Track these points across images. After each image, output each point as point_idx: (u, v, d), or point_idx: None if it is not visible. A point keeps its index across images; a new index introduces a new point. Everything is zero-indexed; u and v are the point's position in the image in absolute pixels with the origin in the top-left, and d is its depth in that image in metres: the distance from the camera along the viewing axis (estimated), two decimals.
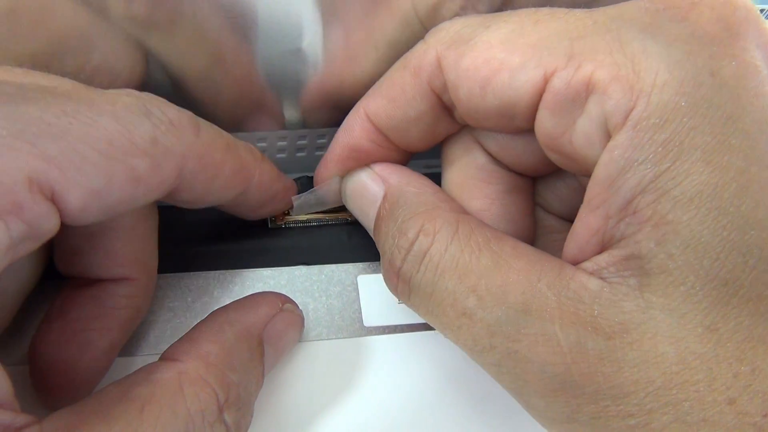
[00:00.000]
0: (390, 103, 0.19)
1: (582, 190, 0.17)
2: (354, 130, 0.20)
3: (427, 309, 0.17)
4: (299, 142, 0.24)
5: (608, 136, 0.15)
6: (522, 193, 0.20)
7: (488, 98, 0.16)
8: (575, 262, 0.16)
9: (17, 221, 0.13)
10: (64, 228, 0.17)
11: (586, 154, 0.15)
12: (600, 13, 0.16)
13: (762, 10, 0.23)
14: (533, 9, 0.17)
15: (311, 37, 0.20)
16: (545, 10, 0.17)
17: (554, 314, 0.15)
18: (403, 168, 0.20)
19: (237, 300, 0.20)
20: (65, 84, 0.16)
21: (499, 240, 0.17)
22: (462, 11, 0.19)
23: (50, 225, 0.14)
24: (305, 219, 0.23)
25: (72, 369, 0.18)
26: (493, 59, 0.16)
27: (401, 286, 0.18)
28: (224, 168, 0.18)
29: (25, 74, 0.16)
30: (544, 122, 0.16)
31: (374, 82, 0.20)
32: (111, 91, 0.16)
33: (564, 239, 0.19)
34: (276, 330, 0.19)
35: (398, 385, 0.21)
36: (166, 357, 0.17)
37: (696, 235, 0.13)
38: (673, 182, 0.14)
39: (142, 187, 0.15)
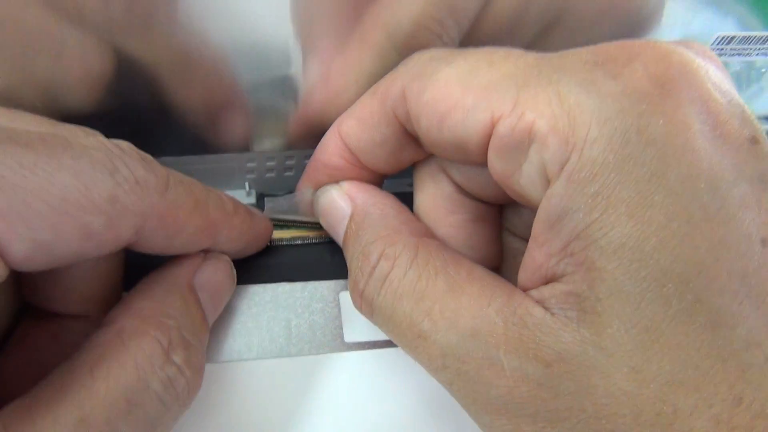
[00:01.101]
0: (359, 124, 0.20)
1: None
2: (328, 147, 0.21)
3: (388, 329, 0.18)
4: (268, 163, 0.25)
5: (547, 182, 0.16)
6: (487, 221, 0.21)
7: (444, 133, 0.17)
8: (525, 290, 0.17)
9: None
10: None
11: (531, 195, 0.16)
12: (546, 62, 0.16)
13: (721, 39, 0.23)
14: (492, 49, 0.18)
15: (286, 59, 0.21)
16: (502, 51, 0.17)
17: (500, 340, 0.16)
18: (371, 187, 0.21)
19: (165, 261, 0.20)
20: (31, 133, 0.16)
21: (456, 264, 0.18)
22: (435, 36, 0.20)
23: None
24: (290, 237, 0.24)
25: None
26: (450, 97, 0.17)
27: (364, 306, 0.19)
28: (187, 227, 0.18)
29: (2, 115, 0.17)
30: (493, 162, 0.17)
31: None
32: (81, 140, 0.16)
33: None
34: (206, 276, 0.20)
35: (379, 400, 0.22)
36: (103, 324, 0.18)
37: (619, 284, 0.14)
38: (600, 232, 0.14)
39: (93, 242, 0.16)
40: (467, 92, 0.17)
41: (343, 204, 0.21)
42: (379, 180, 0.22)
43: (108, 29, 0.19)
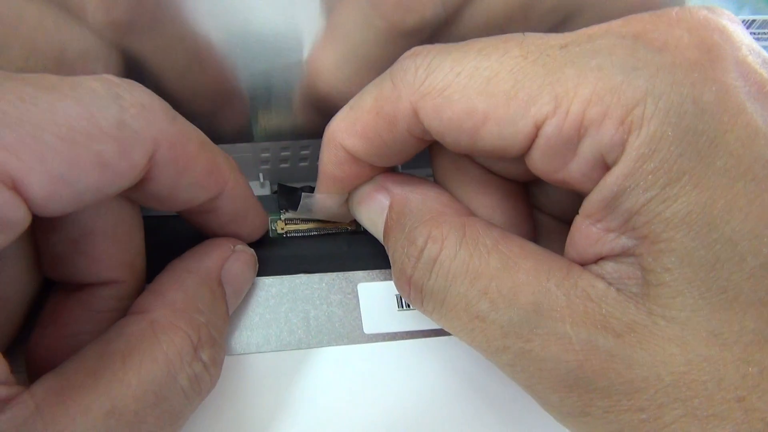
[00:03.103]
0: (368, 143, 0.19)
1: (575, 194, 0.17)
2: (336, 164, 0.20)
3: (441, 314, 0.18)
4: (282, 153, 0.25)
5: (603, 169, 0.15)
6: (519, 196, 0.20)
7: (478, 144, 0.17)
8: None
9: None
10: (47, 234, 0.18)
11: (580, 185, 0.16)
12: (576, 50, 0.15)
13: (744, 21, 0.23)
14: (502, 47, 0.16)
15: (291, 45, 0.20)
16: (515, 50, 0.16)
17: (564, 313, 0.15)
18: (406, 176, 0.21)
19: (191, 249, 0.20)
20: (28, 73, 0.15)
21: (507, 241, 0.17)
22: None
23: (18, 215, 0.14)
24: (306, 228, 0.24)
25: None
26: (476, 111, 0.16)
27: (413, 293, 0.18)
28: (197, 163, 0.18)
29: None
30: (537, 162, 0.16)
31: (337, 80, 0.20)
32: (81, 76, 0.16)
33: (560, 238, 0.20)
34: (232, 270, 0.20)
35: (398, 392, 0.22)
36: (134, 311, 0.18)
37: (690, 251, 0.14)
38: (663, 206, 0.14)
39: (109, 173, 0.15)
40: (495, 103, 0.16)
41: (380, 196, 0.20)
42: (394, 167, 0.22)
43: (111, 36, 0.18)
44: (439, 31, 0.20)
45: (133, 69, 0.20)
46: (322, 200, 0.21)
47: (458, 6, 0.19)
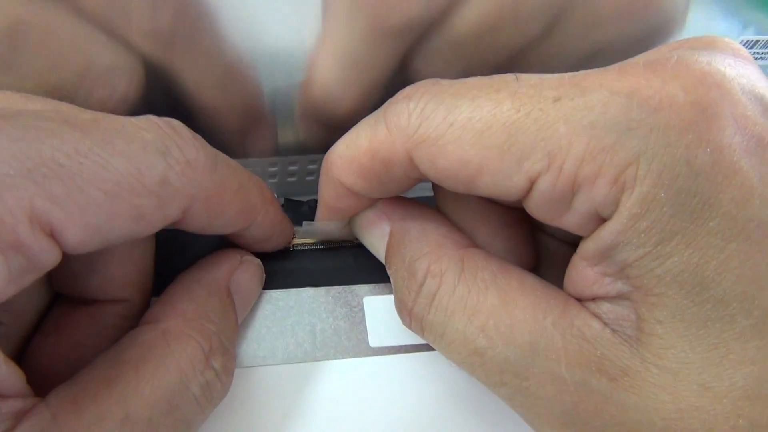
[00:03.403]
0: (365, 182, 0.19)
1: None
2: (335, 197, 0.20)
3: (440, 346, 0.18)
4: (290, 168, 0.25)
5: (597, 221, 0.15)
6: (520, 222, 0.20)
7: (474, 192, 0.17)
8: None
9: (17, 256, 0.14)
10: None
11: (576, 231, 0.16)
12: (569, 104, 0.15)
13: (747, 42, 0.24)
14: (494, 99, 0.16)
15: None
16: (507, 102, 0.16)
17: (560, 354, 0.16)
18: (407, 202, 0.21)
19: (200, 260, 0.21)
20: (85, 114, 0.16)
21: (505, 275, 0.17)
22: None
23: (50, 258, 0.14)
24: (312, 242, 0.24)
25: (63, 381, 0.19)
26: (470, 163, 0.16)
27: (414, 324, 0.18)
28: (230, 208, 0.18)
29: (45, 102, 0.17)
30: (533, 210, 0.17)
31: (330, 83, 0.20)
32: (134, 121, 0.16)
33: (563, 260, 0.20)
34: (240, 280, 0.21)
35: (404, 405, 0.22)
36: (146, 321, 0.18)
37: (682, 308, 0.14)
38: (656, 263, 0.14)
39: (143, 223, 0.16)
40: (488, 156, 0.16)
41: (381, 224, 0.20)
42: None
43: (151, 46, 0.19)
44: (428, 32, 0.20)
45: (169, 83, 0.20)
46: (323, 226, 0.22)
47: (445, 6, 0.19)
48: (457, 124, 0.16)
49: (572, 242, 0.21)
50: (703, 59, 0.15)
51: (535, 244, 0.21)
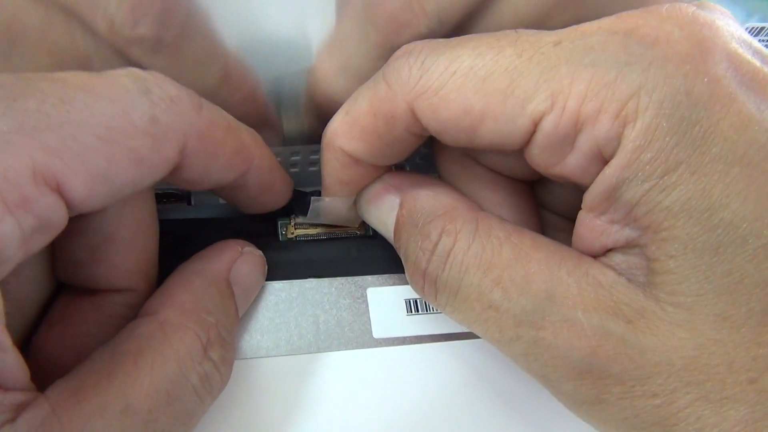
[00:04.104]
0: (367, 144, 0.19)
1: (578, 191, 0.18)
2: (339, 168, 0.20)
3: (454, 306, 0.18)
4: (293, 158, 0.25)
5: (601, 162, 0.16)
6: (525, 194, 0.21)
7: (476, 141, 0.17)
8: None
9: (27, 215, 0.13)
10: (67, 238, 0.18)
11: (579, 179, 0.16)
12: (570, 47, 0.16)
13: (753, 29, 0.24)
14: (496, 46, 0.16)
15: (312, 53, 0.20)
16: (509, 49, 0.16)
17: (576, 300, 0.16)
18: (414, 174, 0.21)
19: (200, 252, 0.21)
20: (63, 72, 0.16)
21: (519, 233, 0.17)
22: (407, 6, 0.18)
23: (59, 215, 0.14)
24: (315, 233, 0.24)
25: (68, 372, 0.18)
26: (473, 110, 0.16)
27: (428, 286, 0.18)
28: (225, 147, 0.18)
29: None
30: (535, 157, 0.17)
31: (334, 92, 0.20)
32: (110, 72, 0.16)
33: (565, 236, 0.20)
34: (240, 272, 0.21)
35: (407, 396, 0.22)
36: (144, 313, 0.18)
37: (692, 237, 0.14)
38: (663, 194, 0.15)
39: (144, 168, 0.16)
40: (491, 101, 0.16)
41: (389, 195, 0.20)
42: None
43: (137, 47, 0.18)
44: None
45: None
46: (331, 203, 0.22)
47: (456, 23, 0.19)
48: (459, 73, 0.16)
49: (573, 217, 0.21)
50: (693, 6, 0.16)
51: (540, 217, 0.21)
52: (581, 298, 0.16)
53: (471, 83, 0.16)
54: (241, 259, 0.21)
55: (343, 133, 0.19)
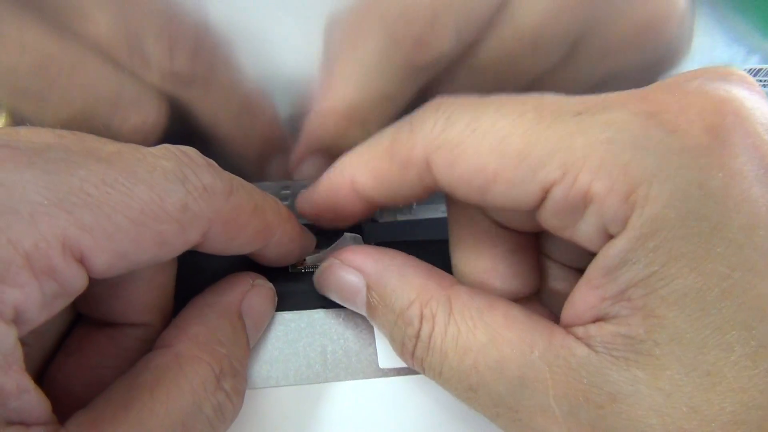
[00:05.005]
0: (378, 183, 0.20)
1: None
2: (339, 196, 0.21)
3: (441, 383, 0.19)
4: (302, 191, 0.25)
5: (606, 236, 0.16)
6: (526, 249, 0.21)
7: (488, 201, 0.17)
8: (569, 326, 0.17)
9: (50, 281, 0.14)
10: None
11: (586, 245, 0.17)
12: (589, 120, 0.16)
13: (751, 70, 0.24)
14: (519, 109, 0.17)
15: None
16: (531, 113, 0.16)
17: (547, 386, 0.16)
18: (373, 249, 0.21)
19: (213, 284, 0.22)
20: (108, 146, 0.17)
21: (491, 310, 0.18)
22: (430, 28, 0.18)
23: (79, 283, 0.15)
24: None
25: (82, 403, 0.19)
26: (486, 169, 0.17)
27: (417, 366, 0.19)
28: (248, 229, 0.19)
29: (72, 135, 0.17)
30: (546, 219, 0.17)
31: (352, 112, 0.21)
32: (153, 151, 0.17)
33: (566, 284, 0.20)
34: (252, 304, 0.21)
35: (413, 427, 0.22)
36: (160, 345, 0.19)
37: (680, 331, 0.15)
38: (661, 283, 0.15)
39: (166, 248, 0.17)
40: (505, 163, 0.16)
41: (352, 278, 0.21)
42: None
43: (170, 86, 0.19)
44: (453, 64, 0.20)
45: (190, 116, 0.21)
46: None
47: (473, 40, 0.20)
48: (480, 131, 0.17)
49: (576, 267, 0.21)
50: (721, 87, 0.16)
51: (539, 269, 0.21)
52: (552, 382, 0.16)
53: (488, 142, 0.17)
54: (252, 291, 0.21)
55: (358, 165, 0.20)
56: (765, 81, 0.24)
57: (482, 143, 0.17)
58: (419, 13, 0.18)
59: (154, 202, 0.16)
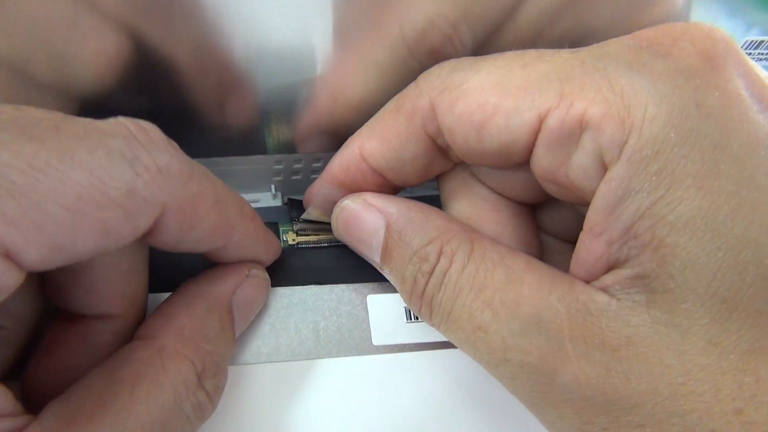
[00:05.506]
0: (385, 144, 0.19)
1: (577, 215, 0.18)
2: (349, 168, 0.20)
3: (447, 326, 0.18)
4: (295, 166, 0.25)
5: (604, 168, 0.15)
6: (527, 216, 0.21)
7: (485, 141, 0.17)
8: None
9: None
10: None
11: (582, 186, 0.16)
12: (586, 53, 0.16)
13: (752, 42, 0.24)
14: (520, 51, 0.18)
15: (306, 62, 0.21)
16: (532, 52, 0.17)
17: (563, 326, 0.16)
18: (396, 197, 0.21)
19: (206, 271, 0.20)
20: (46, 121, 0.14)
21: (512, 255, 0.17)
22: (447, 38, 0.19)
23: (9, 281, 0.13)
24: (316, 240, 0.24)
25: None
26: (487, 104, 0.17)
27: (424, 308, 0.19)
28: (205, 222, 0.17)
29: (11, 109, 0.16)
30: (541, 158, 0.17)
31: (361, 103, 0.21)
32: (101, 125, 0.15)
33: (564, 259, 0.20)
34: (244, 296, 0.20)
35: (406, 403, 0.22)
36: (142, 335, 0.18)
37: (693, 257, 0.14)
38: (667, 208, 0.14)
39: (110, 238, 0.15)
40: (505, 96, 0.17)
41: (372, 217, 0.20)
42: (395, 192, 0.22)
43: (129, 11, 0.18)
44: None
45: (148, 62, 0.19)
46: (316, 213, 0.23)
47: (480, 44, 0.20)
48: (483, 70, 0.17)
49: (572, 240, 0.21)
50: (709, 24, 0.16)
51: (540, 241, 0.21)
52: (569, 324, 0.16)
53: (491, 78, 0.17)
54: (246, 282, 0.20)
55: (366, 132, 0.20)
56: (766, 54, 0.23)
57: (485, 80, 0.17)
58: (440, 27, 0.19)
59: (93, 186, 0.14)
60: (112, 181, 0.14)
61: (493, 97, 0.17)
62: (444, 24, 0.19)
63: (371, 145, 0.20)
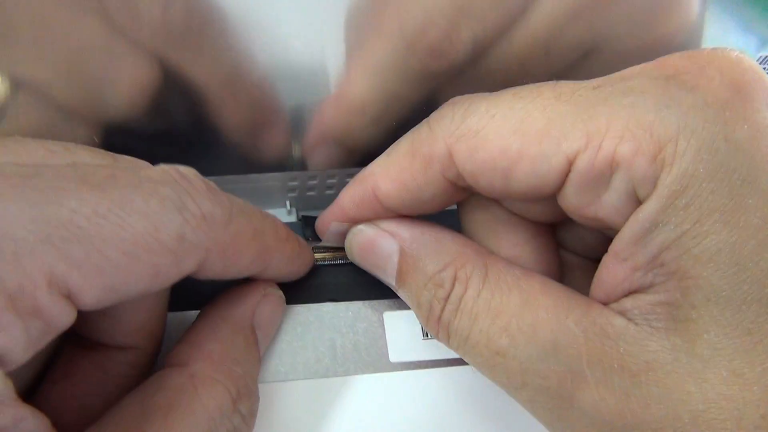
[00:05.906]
0: (401, 188, 0.19)
1: (599, 233, 0.18)
2: (361, 205, 0.20)
3: (465, 351, 0.18)
4: (310, 182, 0.25)
5: (634, 204, 0.16)
6: (546, 235, 0.21)
7: (512, 186, 0.17)
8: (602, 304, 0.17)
9: (35, 321, 0.13)
10: None
11: (611, 220, 0.16)
12: (609, 90, 0.16)
13: (763, 58, 0.24)
14: (535, 91, 0.17)
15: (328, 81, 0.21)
16: (548, 92, 0.17)
17: (581, 351, 0.16)
18: (410, 219, 0.21)
19: (224, 293, 0.21)
20: (102, 170, 0.16)
21: (528, 278, 0.17)
22: (446, 36, 0.19)
23: (67, 320, 0.14)
24: (333, 257, 0.24)
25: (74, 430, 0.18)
26: (509, 150, 0.16)
27: (442, 332, 0.19)
28: (245, 255, 0.18)
29: (64, 151, 0.17)
30: (570, 197, 0.17)
31: (363, 105, 0.21)
32: (150, 174, 0.16)
33: (584, 275, 0.20)
34: (263, 315, 0.21)
35: (424, 420, 0.22)
36: (173, 363, 0.18)
37: (717, 290, 0.14)
38: (694, 241, 0.14)
39: (159, 280, 0.16)
40: (529, 141, 0.16)
41: (386, 242, 0.20)
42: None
43: (162, 41, 0.18)
44: (465, 68, 0.20)
45: (177, 87, 0.20)
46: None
47: (486, 46, 0.20)
48: (499, 115, 0.17)
49: (593, 257, 0.21)
50: (732, 51, 0.16)
51: (559, 259, 0.21)
52: (587, 349, 0.16)
53: (509, 124, 0.17)
54: (263, 301, 0.21)
55: (380, 173, 0.20)
56: None
57: (503, 126, 0.17)
58: (438, 24, 0.18)
59: (148, 233, 0.15)
60: (165, 227, 0.15)
61: (515, 144, 0.16)
62: (443, 21, 0.19)
63: (387, 188, 0.19)
